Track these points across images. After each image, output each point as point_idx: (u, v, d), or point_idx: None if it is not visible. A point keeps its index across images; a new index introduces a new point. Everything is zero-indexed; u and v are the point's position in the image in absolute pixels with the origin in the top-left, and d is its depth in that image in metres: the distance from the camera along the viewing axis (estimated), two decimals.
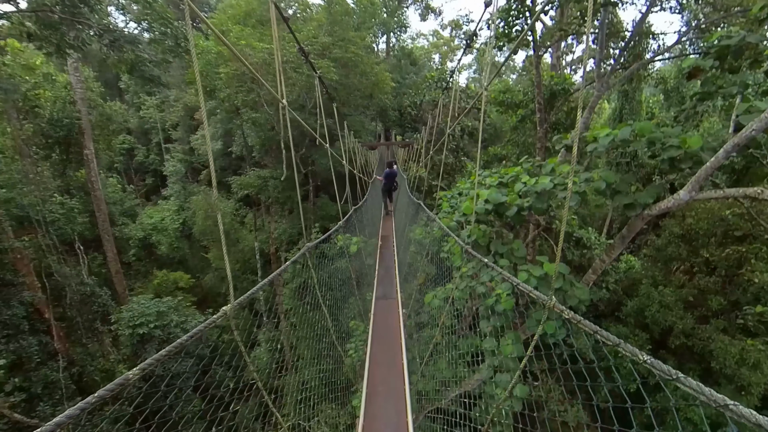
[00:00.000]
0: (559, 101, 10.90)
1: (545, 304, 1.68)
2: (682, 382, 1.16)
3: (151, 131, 28.31)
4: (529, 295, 1.84)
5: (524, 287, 1.90)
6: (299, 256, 2.74)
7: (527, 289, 1.86)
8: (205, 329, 1.31)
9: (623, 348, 1.31)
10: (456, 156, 19.57)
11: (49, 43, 7.97)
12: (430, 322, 4.61)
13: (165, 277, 19.29)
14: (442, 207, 5.56)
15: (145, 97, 27.04)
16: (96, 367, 11.26)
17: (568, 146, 4.39)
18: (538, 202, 3.64)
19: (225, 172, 24.59)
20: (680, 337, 8.99)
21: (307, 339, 4.65)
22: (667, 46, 8.74)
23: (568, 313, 1.56)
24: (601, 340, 1.39)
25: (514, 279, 2.04)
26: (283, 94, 2.61)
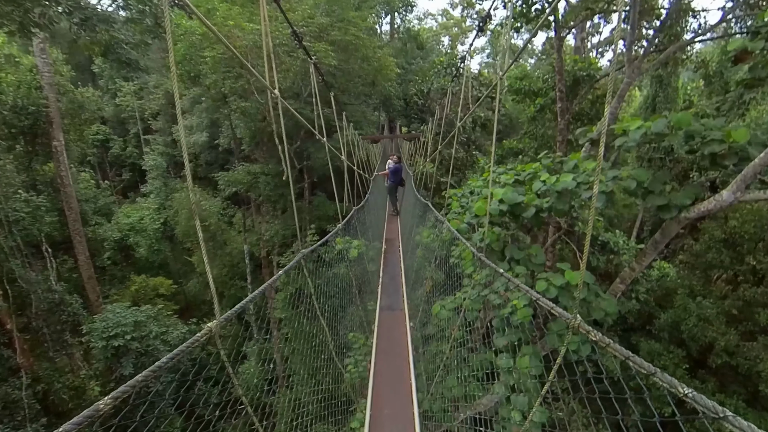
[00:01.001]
0: (583, 89, 10.87)
1: (569, 323, 1.67)
2: (731, 422, 1.11)
3: (129, 121, 28.52)
4: (550, 312, 1.84)
5: (545, 303, 1.89)
6: (294, 263, 2.75)
7: (548, 306, 1.85)
8: (187, 350, 1.32)
9: (660, 378, 1.28)
10: (467, 150, 19.60)
11: (11, 21, 7.90)
12: (437, 334, 4.62)
13: (144, 283, 19.42)
14: (452, 207, 5.56)
15: (121, 83, 27.25)
16: (64, 384, 11.32)
17: (593, 140, 4.38)
18: (559, 202, 3.63)
19: (211, 167, 24.75)
20: (722, 356, 8.92)
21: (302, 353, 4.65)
22: (710, 26, 8.66)
23: (595, 334, 1.54)
24: (634, 367, 1.38)
25: (533, 292, 2.03)
26: (274, 83, 2.62)
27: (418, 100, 25.19)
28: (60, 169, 14.95)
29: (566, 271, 3.34)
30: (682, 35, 8.99)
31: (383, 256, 7.91)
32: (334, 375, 3.84)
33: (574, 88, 10.84)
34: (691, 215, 3.31)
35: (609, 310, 3.22)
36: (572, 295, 3.24)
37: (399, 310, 5.49)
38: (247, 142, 18.62)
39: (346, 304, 5.46)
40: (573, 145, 10.50)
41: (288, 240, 17.35)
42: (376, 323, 5.09)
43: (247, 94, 14.96)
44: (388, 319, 5.26)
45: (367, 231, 7.75)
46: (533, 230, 5.65)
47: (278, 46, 13.03)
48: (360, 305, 5.44)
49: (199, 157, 25.93)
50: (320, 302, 3.47)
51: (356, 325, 5.60)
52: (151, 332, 11.65)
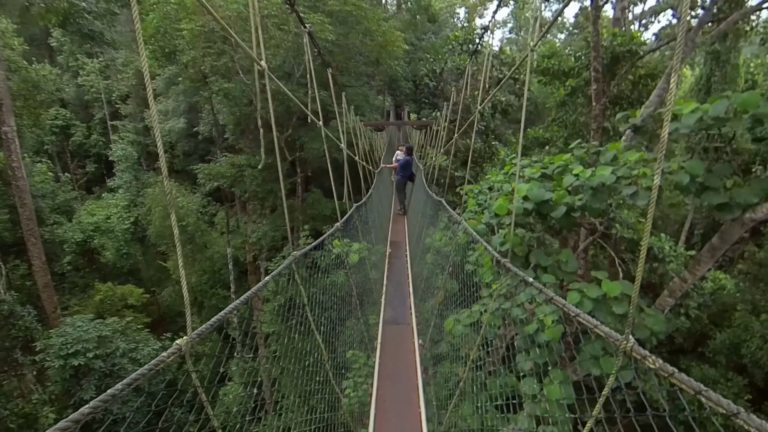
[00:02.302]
0: (623, 68, 10.77)
1: (619, 345, 1.60)
2: None
3: (94, 104, 28.77)
4: (594, 331, 1.76)
5: (587, 320, 1.82)
6: (283, 268, 2.74)
7: (591, 323, 1.78)
8: (149, 373, 1.30)
9: (745, 420, 1.16)
10: (485, 140, 19.58)
11: None
12: (451, 354, 4.59)
13: (110, 292, 19.59)
14: (468, 205, 5.54)
15: (84, 60, 27.44)
16: (12, 411, 11.32)
17: (636, 126, 4.32)
18: (594, 200, 3.59)
19: (189, 158, 24.92)
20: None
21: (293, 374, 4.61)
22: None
23: (653, 360, 1.47)
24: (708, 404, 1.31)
25: (572, 308, 1.96)
26: (261, 54, 2.60)
27: (429, 82, 25.20)
28: (11, 159, 15.06)
29: (603, 281, 3.29)
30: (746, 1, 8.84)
31: (388, 262, 7.91)
32: (330, 400, 3.82)
33: (612, 67, 10.74)
34: (758, 216, 3.25)
35: (656, 328, 3.16)
36: (610, 309, 3.20)
37: (406, 324, 5.48)
38: (231, 129, 18.73)
39: (345, 316, 5.47)
40: (610, 133, 10.42)
41: (278, 243, 17.41)
42: (379, 339, 5.08)
43: (231, 74, 15.03)
44: (392, 334, 5.26)
45: (370, 232, 7.76)
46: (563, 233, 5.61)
47: (266, 18, 13.09)
48: (361, 318, 5.43)
49: (176, 146, 26.10)
50: (315, 314, 3.45)
51: (356, 341, 5.61)
52: (117, 349, 11.71)
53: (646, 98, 9.46)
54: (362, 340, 5.38)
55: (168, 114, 23.64)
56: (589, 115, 10.75)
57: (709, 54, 14.15)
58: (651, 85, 10.74)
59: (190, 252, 20.86)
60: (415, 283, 6.72)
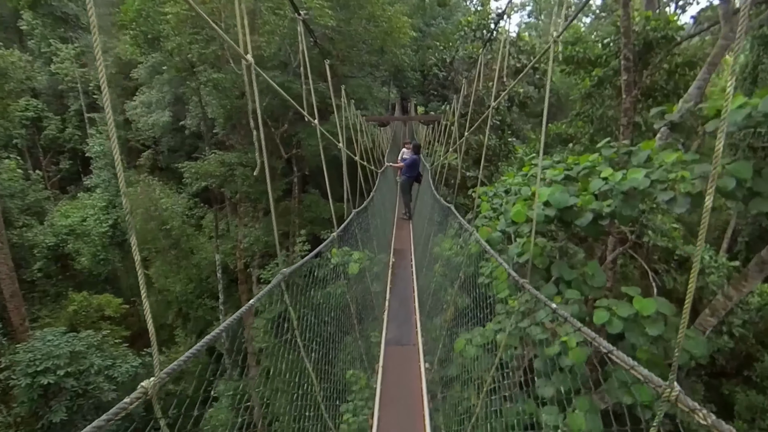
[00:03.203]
0: (657, 55, 10.66)
1: (661, 393, 1.50)
2: None
3: (68, 94, 28.90)
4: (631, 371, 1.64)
5: (620, 357, 1.71)
6: (270, 288, 2.69)
7: (627, 363, 1.66)
8: (109, 424, 1.22)
9: None
10: (501, 136, 19.53)
11: None
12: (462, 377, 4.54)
13: (85, 302, 19.62)
14: (482, 209, 5.49)
15: (57, 45, 27.49)
16: None
17: (673, 122, 4.24)
18: (625, 206, 3.53)
19: (175, 155, 25.02)
20: None
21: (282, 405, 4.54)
22: None
23: (705, 414, 1.34)
24: None
25: (604, 342, 1.85)
26: (247, 47, 2.55)
27: (438, 72, 25.22)
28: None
29: (635, 298, 3.23)
30: None
31: (391, 273, 7.87)
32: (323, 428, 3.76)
33: (645, 55, 10.63)
34: None
35: (696, 351, 3.08)
36: (643, 330, 3.13)
37: (411, 345, 5.44)
38: (221, 124, 18.78)
39: (343, 334, 5.43)
40: (642, 130, 10.30)
41: (272, 249, 17.45)
42: (381, 362, 5.04)
43: (221, 63, 15.08)
44: (396, 356, 5.22)
45: (371, 240, 7.73)
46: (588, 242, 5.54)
47: (260, 1, 13.13)
48: (359, 339, 5.39)
49: (160, 142, 26.20)
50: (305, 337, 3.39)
51: (356, 361, 5.58)
52: (92, 366, 11.70)
53: (684, 90, 9.34)
54: (362, 361, 5.34)
55: (151, 106, 23.66)
56: (619, 109, 10.63)
57: (756, 38, 13.97)
58: (689, 76, 10.61)
59: (174, 258, 20.89)
60: (421, 298, 6.68)
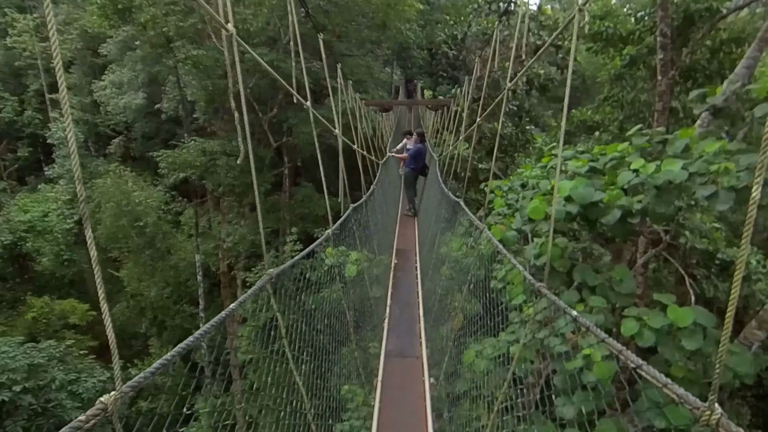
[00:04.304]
0: (699, 31, 10.53)
1: (699, 416, 1.41)
2: None
3: (27, 72, 28.80)
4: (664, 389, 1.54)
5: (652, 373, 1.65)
6: (255, 290, 2.68)
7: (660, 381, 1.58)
8: None
9: None
10: (518, 124, 19.50)
11: None
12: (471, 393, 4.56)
13: (46, 308, 19.66)
14: (495, 205, 5.50)
15: (14, 16, 27.49)
16: None
17: (716, 107, 4.23)
18: (659, 202, 3.51)
19: (150, 142, 24.99)
20: None
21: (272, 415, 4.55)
22: None
23: None
24: None
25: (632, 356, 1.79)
26: (228, 15, 2.55)
27: (448, 51, 25.16)
28: None
29: (669, 307, 3.21)
30: None
31: (393, 275, 7.88)
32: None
33: (684, 31, 10.48)
34: None
35: (741, 369, 3.05)
36: (678, 344, 3.10)
37: (414, 357, 5.44)
38: (202, 107, 18.75)
39: (337, 345, 5.44)
40: (679, 116, 10.23)
41: (259, 248, 17.36)
42: (380, 377, 5.04)
43: (202, 39, 15.05)
44: (397, 370, 5.22)
45: (371, 239, 7.73)
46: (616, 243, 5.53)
47: None
48: (356, 349, 5.40)
49: (133, 127, 26.15)
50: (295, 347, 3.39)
51: (353, 374, 5.59)
52: (53, 381, 11.67)
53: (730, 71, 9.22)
54: (359, 374, 5.35)
55: (123, 87, 23.49)
56: (653, 93, 10.53)
57: None
58: (736, 54, 10.42)
59: (149, 259, 20.89)
60: (426, 304, 6.68)
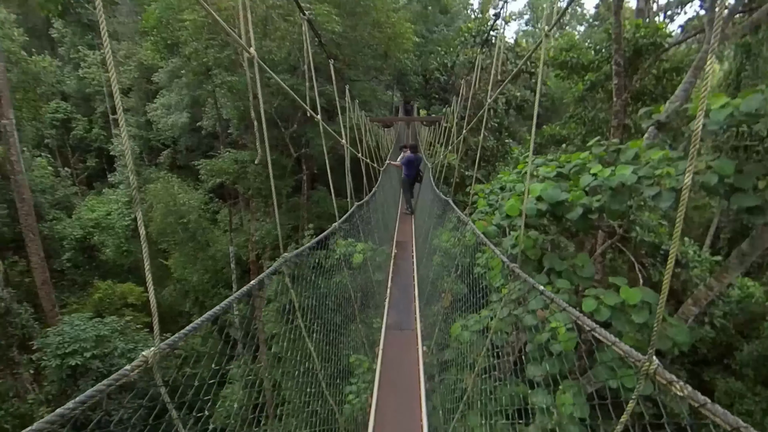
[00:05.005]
0: (646, 61, 10.57)
1: (640, 367, 1.48)
2: None
3: (95, 97, 29.01)
4: (612, 347, 1.64)
5: (603, 335, 1.72)
6: (271, 271, 2.66)
7: (609, 339, 1.66)
8: (107, 389, 1.22)
9: None
10: (498, 138, 19.42)
11: None
12: (457, 361, 4.53)
13: (109, 290, 19.75)
14: (478, 205, 5.48)
15: (85, 51, 27.64)
16: (7, 412, 11.46)
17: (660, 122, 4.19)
18: (613, 201, 3.50)
19: (192, 154, 25.06)
20: None
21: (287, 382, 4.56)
22: None
23: (681, 386, 1.34)
24: None
25: (587, 320, 1.86)
26: (250, 40, 2.52)
27: (440, 77, 25.06)
28: (10, 152, 15.26)
29: (622, 288, 3.19)
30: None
31: (393, 263, 7.86)
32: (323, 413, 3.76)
33: (634, 61, 10.55)
34: None
35: (679, 339, 3.05)
36: (629, 318, 3.11)
37: (410, 329, 5.44)
38: (235, 124, 18.80)
39: (347, 320, 5.43)
40: (631, 131, 10.27)
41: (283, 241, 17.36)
42: (381, 346, 5.03)
43: (235, 67, 15.06)
44: (396, 340, 5.22)
45: (374, 232, 7.72)
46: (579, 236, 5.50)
47: (272, 9, 13.10)
48: (361, 323, 5.38)
49: (179, 141, 26.25)
50: (308, 320, 3.38)
51: (358, 346, 5.59)
52: (116, 349, 11.76)
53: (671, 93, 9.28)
54: (364, 345, 5.34)
55: (171, 108, 23.73)
56: (610, 112, 10.58)
57: (739, 47, 13.82)
58: (676, 80, 10.57)
59: (191, 250, 20.94)
60: (421, 287, 6.67)
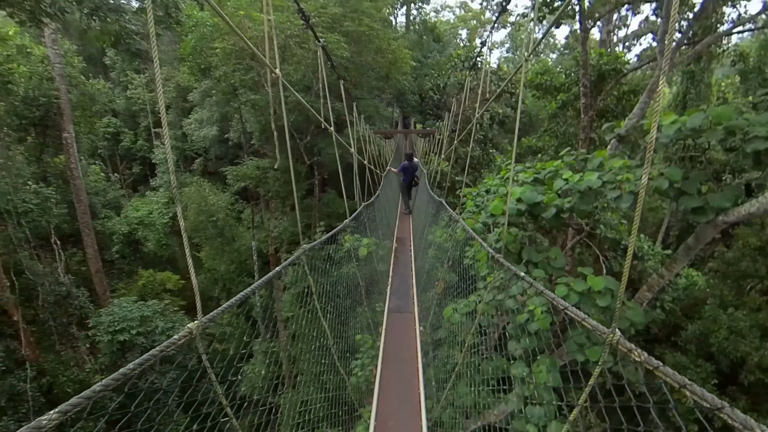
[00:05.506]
0: (608, 84, 10.59)
1: (605, 338, 1.52)
2: None
3: (140, 114, 28.98)
4: (582, 323, 1.68)
5: (574, 312, 1.75)
6: (293, 260, 2.68)
7: (579, 316, 1.71)
8: (160, 354, 1.26)
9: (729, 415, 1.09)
10: (483, 148, 19.36)
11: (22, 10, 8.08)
12: (449, 339, 4.53)
13: (151, 278, 19.73)
14: (467, 206, 5.46)
15: (132, 75, 27.68)
16: (69, 378, 11.52)
17: (620, 136, 4.20)
18: (581, 202, 3.50)
19: (221, 161, 25.01)
20: (755, 372, 8.60)
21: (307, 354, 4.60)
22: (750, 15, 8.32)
23: (639, 353, 1.38)
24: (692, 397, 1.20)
25: (560, 300, 1.89)
26: (276, 62, 2.53)
27: (433, 95, 24.97)
28: (70, 161, 15.28)
29: (588, 276, 3.20)
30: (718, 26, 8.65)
31: (394, 256, 7.84)
32: (336, 381, 3.78)
33: (599, 84, 10.55)
34: (730, 219, 3.12)
35: (635, 319, 3.06)
36: (594, 302, 3.12)
37: (408, 312, 5.42)
38: (257, 136, 18.74)
39: (354, 304, 5.42)
40: (596, 143, 10.27)
41: (297, 237, 17.32)
42: (384, 326, 5.01)
43: (258, 87, 15.03)
44: (396, 321, 5.20)
45: (377, 229, 7.69)
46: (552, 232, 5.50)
47: (290, 38, 13.06)
48: (367, 306, 5.38)
49: (209, 151, 26.21)
50: (323, 302, 3.40)
51: (364, 327, 5.57)
52: (157, 327, 11.79)
53: (629, 111, 9.33)
54: (369, 326, 5.34)
55: (203, 122, 23.71)
56: (578, 126, 10.59)
57: (685, 74, 13.83)
58: (633, 100, 10.60)
59: (219, 244, 20.90)
60: (418, 276, 6.65)
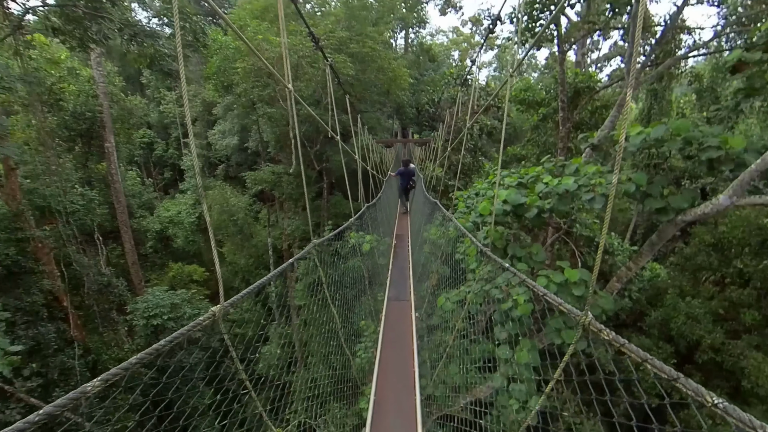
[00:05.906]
0: (583, 100, 10.56)
1: (579, 320, 1.52)
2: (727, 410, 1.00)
3: (171, 126, 28.98)
4: (559, 308, 1.68)
5: (552, 298, 1.75)
6: (304, 253, 2.67)
7: (556, 302, 1.71)
8: (187, 333, 1.26)
9: (684, 384, 1.11)
10: (473, 156, 19.29)
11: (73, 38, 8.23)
12: (442, 325, 4.52)
13: (180, 270, 19.72)
14: (458, 207, 5.44)
15: (165, 92, 27.68)
16: (110, 356, 11.56)
17: (594, 145, 4.19)
18: (560, 204, 3.49)
19: (241, 167, 24.98)
20: (708, 352, 8.60)
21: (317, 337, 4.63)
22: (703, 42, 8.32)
23: (608, 333, 1.39)
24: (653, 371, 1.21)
25: (541, 288, 1.89)
26: (289, 78, 2.53)
27: (429, 109, 24.91)
28: (111, 167, 15.30)
29: (566, 269, 3.19)
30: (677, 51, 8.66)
31: (393, 251, 7.84)
32: (342, 361, 3.77)
33: (575, 99, 10.53)
34: (688, 218, 3.12)
35: (606, 307, 3.06)
36: (571, 291, 3.11)
37: (405, 300, 5.40)
38: (273, 145, 18.74)
39: (358, 294, 5.41)
40: (573, 152, 10.26)
41: (308, 235, 17.23)
42: (384, 313, 5.00)
43: (274, 102, 15.02)
44: (395, 309, 5.18)
45: (379, 227, 7.68)
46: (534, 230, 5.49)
47: (302, 58, 13.05)
48: (370, 295, 5.36)
49: (231, 158, 26.21)
50: (331, 291, 3.40)
51: (367, 314, 5.55)
52: (185, 314, 11.77)
53: (602, 124, 9.32)
54: (371, 312, 5.32)
55: (225, 133, 23.75)
56: (557, 137, 10.59)
57: (649, 91, 13.79)
58: (605, 114, 10.60)
59: (239, 240, 20.88)
60: (414, 268, 6.63)
